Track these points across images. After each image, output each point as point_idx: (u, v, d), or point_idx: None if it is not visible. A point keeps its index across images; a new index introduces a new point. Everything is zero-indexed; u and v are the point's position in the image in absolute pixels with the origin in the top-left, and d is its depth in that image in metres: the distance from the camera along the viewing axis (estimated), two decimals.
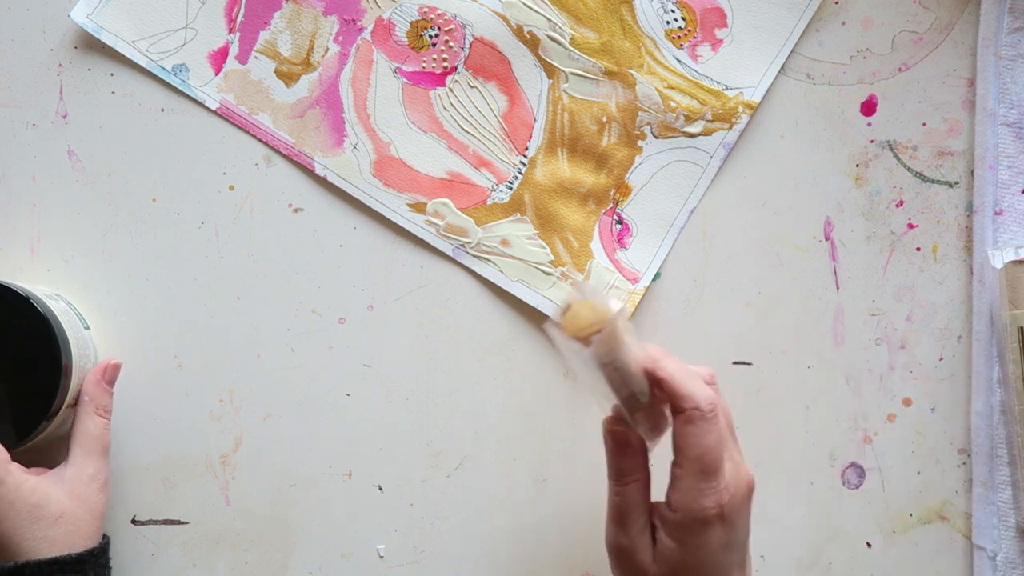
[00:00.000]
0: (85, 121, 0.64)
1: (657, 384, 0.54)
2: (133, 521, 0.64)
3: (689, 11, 0.65)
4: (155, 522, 0.64)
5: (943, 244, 0.65)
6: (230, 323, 0.64)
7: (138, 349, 0.64)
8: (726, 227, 0.65)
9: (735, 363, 0.65)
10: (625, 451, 0.55)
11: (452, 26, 0.64)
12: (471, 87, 0.65)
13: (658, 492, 0.56)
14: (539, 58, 0.65)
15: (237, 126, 0.65)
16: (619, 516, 0.55)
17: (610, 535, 0.56)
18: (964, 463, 0.65)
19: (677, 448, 0.54)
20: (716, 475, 0.53)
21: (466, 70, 0.65)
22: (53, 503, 0.57)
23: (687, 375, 0.54)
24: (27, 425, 0.58)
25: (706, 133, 0.65)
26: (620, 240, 0.65)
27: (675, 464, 0.54)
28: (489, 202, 0.65)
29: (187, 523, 0.64)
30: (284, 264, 0.65)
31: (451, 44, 0.64)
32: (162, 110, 0.65)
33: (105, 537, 0.60)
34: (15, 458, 0.63)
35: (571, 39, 0.64)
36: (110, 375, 0.61)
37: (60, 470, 0.59)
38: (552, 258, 0.65)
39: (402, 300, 0.65)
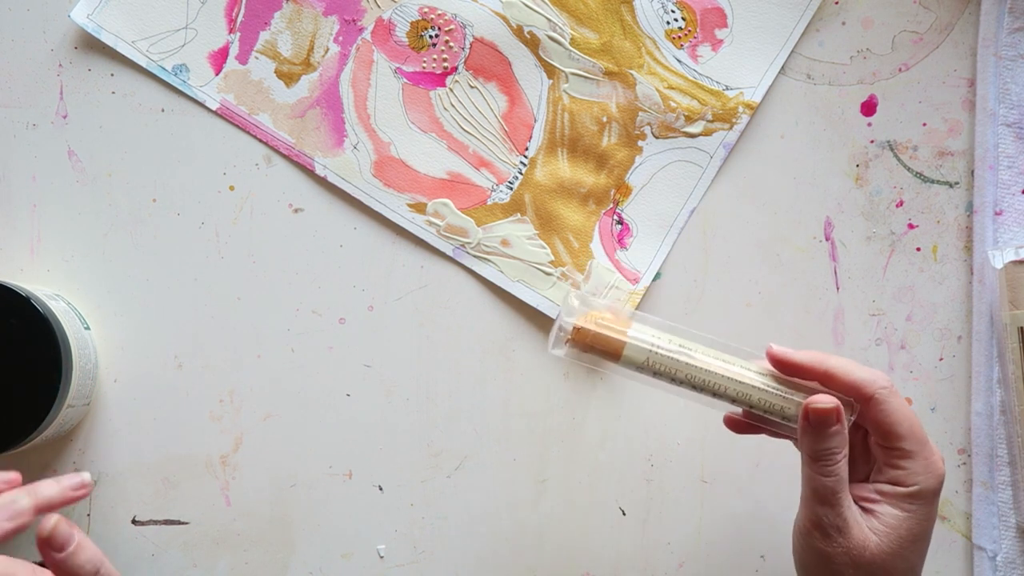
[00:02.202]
0: (85, 121, 0.64)
1: (827, 380, 0.55)
2: (133, 521, 0.64)
3: (689, 11, 0.65)
4: (155, 522, 0.64)
5: (943, 244, 0.66)
6: (230, 323, 0.64)
7: (138, 349, 0.64)
8: (726, 227, 0.65)
9: None
10: (828, 429, 0.54)
11: (452, 26, 0.64)
12: (471, 87, 0.65)
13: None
14: (539, 58, 0.65)
15: (237, 126, 0.65)
16: (829, 497, 0.53)
17: (816, 517, 0.54)
18: (964, 463, 0.65)
19: (885, 432, 0.54)
20: (928, 441, 0.54)
21: (466, 70, 0.65)
22: None
23: (853, 363, 0.55)
24: (27, 425, 0.58)
25: (706, 133, 0.65)
26: (620, 240, 0.65)
27: (888, 447, 0.54)
28: (489, 202, 0.65)
29: (187, 523, 0.64)
30: (284, 264, 0.65)
31: (451, 44, 0.64)
32: (162, 110, 0.65)
33: None
34: (16, 457, 0.63)
35: (571, 39, 0.64)
36: (58, 543, 0.51)
37: None
38: (552, 258, 0.65)
39: (402, 300, 0.65)
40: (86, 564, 0.52)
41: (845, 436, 0.54)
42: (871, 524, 0.54)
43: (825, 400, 0.54)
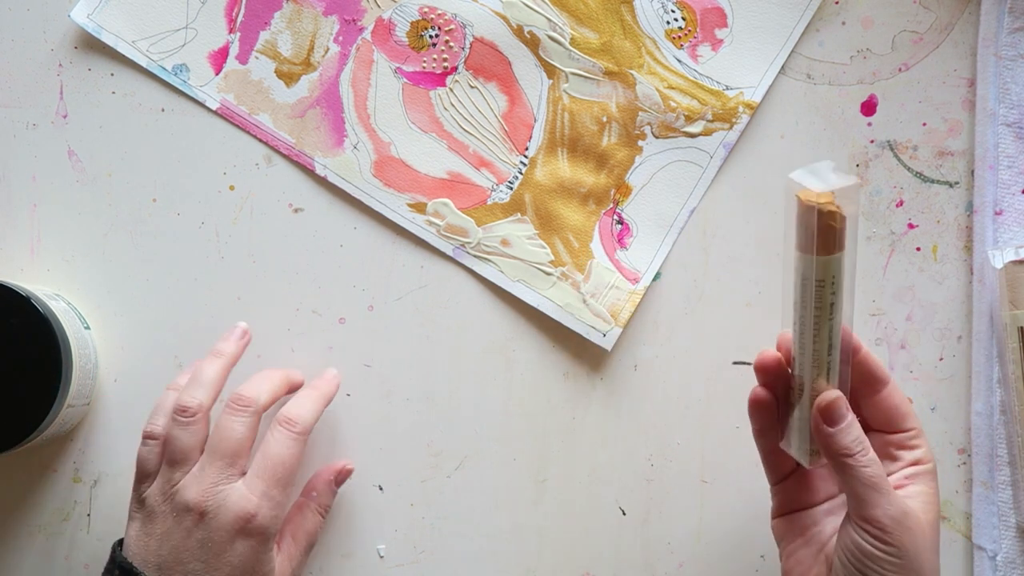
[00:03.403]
0: (85, 121, 0.64)
1: (855, 354, 0.55)
2: None
3: (689, 11, 0.65)
4: None
5: (943, 244, 0.65)
6: (230, 323, 0.64)
7: (138, 349, 0.64)
8: (726, 227, 0.65)
9: (735, 363, 0.65)
10: (846, 421, 0.53)
11: (452, 26, 0.64)
12: (471, 87, 0.65)
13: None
14: (539, 58, 0.65)
15: (237, 126, 0.65)
16: (882, 483, 0.52)
17: (872, 514, 0.52)
18: (964, 463, 0.65)
19: (901, 415, 0.55)
20: None
21: (466, 70, 0.65)
22: None
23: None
24: (27, 425, 0.58)
25: (706, 133, 0.65)
26: (620, 240, 0.65)
27: (903, 430, 0.55)
28: (489, 202, 0.65)
29: None
30: (284, 264, 0.65)
31: (451, 44, 0.64)
32: (162, 110, 0.65)
33: None
34: (16, 457, 0.63)
35: (571, 39, 0.64)
36: (340, 478, 0.63)
37: (279, 558, 0.59)
38: (552, 258, 0.65)
39: (402, 300, 0.65)
40: (328, 505, 0.62)
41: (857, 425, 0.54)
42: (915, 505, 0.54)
43: (831, 393, 0.54)
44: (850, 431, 0.53)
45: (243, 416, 0.57)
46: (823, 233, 0.50)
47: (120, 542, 0.57)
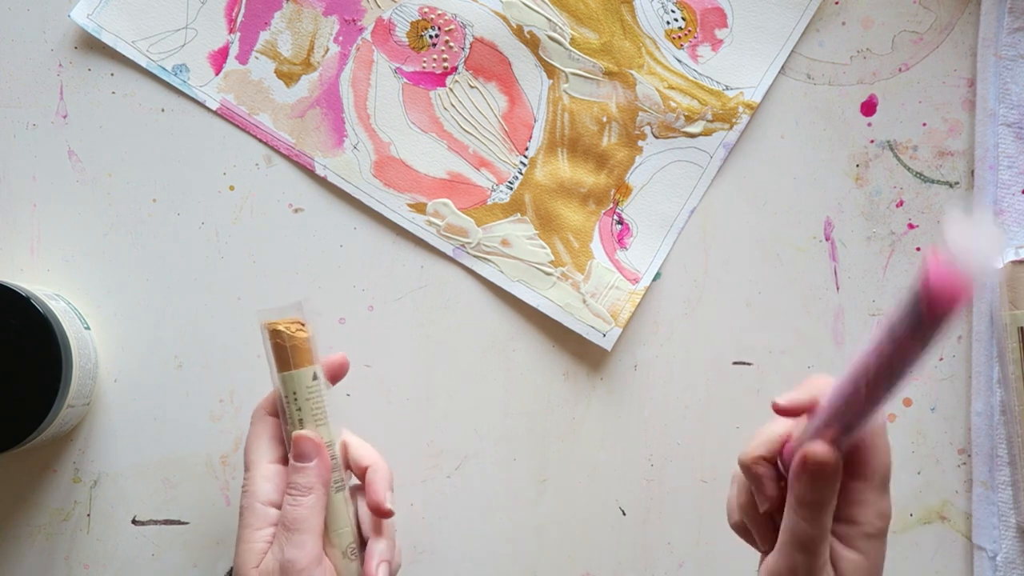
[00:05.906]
0: (85, 121, 0.64)
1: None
2: (133, 521, 0.64)
3: (689, 11, 0.65)
4: (155, 522, 0.64)
5: (943, 244, 0.65)
6: (230, 323, 0.64)
7: (138, 349, 0.64)
8: (726, 227, 0.65)
9: (735, 363, 0.65)
10: (833, 481, 0.51)
11: (452, 26, 0.64)
12: (471, 87, 0.65)
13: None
14: (539, 58, 0.65)
15: (237, 126, 0.65)
16: (810, 545, 0.51)
17: (792, 564, 0.51)
18: (964, 463, 0.65)
19: (863, 461, 0.52)
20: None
21: (466, 70, 0.65)
22: None
23: None
24: (27, 425, 0.58)
25: (706, 133, 0.65)
26: (620, 240, 0.65)
27: (858, 478, 0.52)
28: (489, 202, 0.65)
29: (187, 523, 0.64)
30: (284, 264, 0.65)
31: (451, 44, 0.64)
32: (162, 110, 0.65)
33: None
34: (16, 457, 0.63)
35: (571, 39, 0.64)
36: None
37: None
38: (552, 258, 0.65)
39: (402, 300, 0.65)
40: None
41: (837, 488, 0.52)
42: (839, 570, 0.52)
43: (825, 452, 0.50)
44: (822, 490, 0.51)
45: None
46: (276, 352, 0.56)
47: None
